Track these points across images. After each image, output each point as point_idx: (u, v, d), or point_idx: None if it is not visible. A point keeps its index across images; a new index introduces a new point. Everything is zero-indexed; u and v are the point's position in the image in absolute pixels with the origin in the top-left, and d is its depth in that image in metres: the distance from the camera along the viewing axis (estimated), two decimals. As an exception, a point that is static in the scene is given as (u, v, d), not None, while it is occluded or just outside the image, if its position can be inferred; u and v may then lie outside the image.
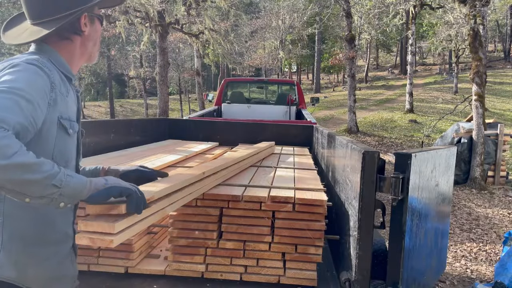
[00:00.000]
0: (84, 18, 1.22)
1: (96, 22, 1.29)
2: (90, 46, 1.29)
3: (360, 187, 1.51)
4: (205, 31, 12.32)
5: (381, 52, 47.09)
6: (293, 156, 3.31)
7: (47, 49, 1.18)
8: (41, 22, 1.16)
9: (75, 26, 1.20)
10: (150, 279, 1.81)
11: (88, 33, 1.26)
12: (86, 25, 1.23)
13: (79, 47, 1.25)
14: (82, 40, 1.25)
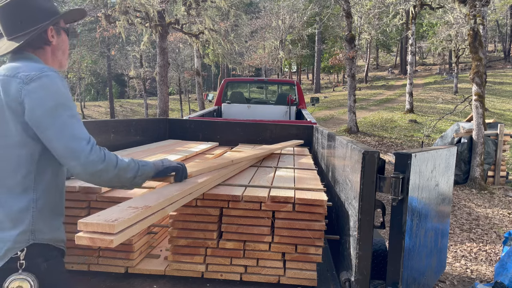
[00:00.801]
0: (50, 31, 1.42)
1: (63, 33, 1.49)
2: (60, 54, 1.48)
3: (360, 187, 1.51)
4: (205, 31, 12.31)
5: (381, 52, 47.11)
6: (293, 156, 3.31)
7: (32, 57, 1.38)
8: (15, 37, 1.38)
9: (44, 38, 1.41)
10: (150, 279, 1.81)
11: (56, 43, 1.45)
12: (53, 36, 1.43)
13: (51, 55, 1.44)
14: (52, 50, 1.44)
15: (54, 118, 1.23)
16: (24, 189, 1.26)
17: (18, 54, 1.37)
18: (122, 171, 1.33)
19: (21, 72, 1.26)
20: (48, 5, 1.43)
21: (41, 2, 1.41)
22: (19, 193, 1.26)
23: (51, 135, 1.23)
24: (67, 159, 1.24)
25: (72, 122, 1.25)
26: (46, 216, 1.32)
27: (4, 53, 1.35)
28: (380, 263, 1.68)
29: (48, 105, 1.23)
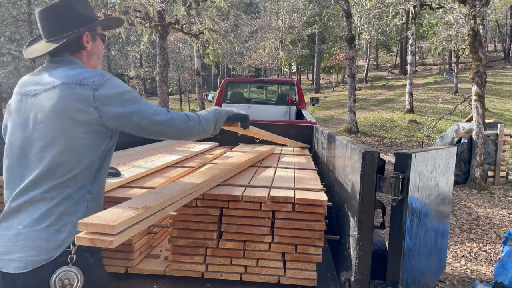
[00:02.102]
0: (86, 36, 1.49)
1: (98, 39, 1.56)
2: (94, 59, 1.55)
3: (360, 187, 1.51)
4: (205, 31, 12.31)
5: (381, 52, 47.12)
6: (293, 156, 3.31)
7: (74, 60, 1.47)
8: (53, 39, 1.46)
9: (79, 43, 1.48)
10: (150, 279, 1.81)
11: (91, 48, 1.52)
12: (88, 42, 1.50)
13: (86, 59, 1.52)
14: (87, 54, 1.52)
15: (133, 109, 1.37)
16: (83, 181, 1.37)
17: (58, 57, 1.46)
18: (206, 122, 1.59)
19: (86, 79, 1.35)
20: (86, 11, 1.51)
21: (80, 9, 1.49)
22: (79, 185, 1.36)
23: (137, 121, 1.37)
24: (161, 131, 1.43)
25: (145, 103, 1.41)
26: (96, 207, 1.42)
27: (42, 53, 1.43)
28: (380, 263, 1.68)
29: (123, 101, 1.37)
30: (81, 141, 1.33)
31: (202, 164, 2.80)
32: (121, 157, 2.75)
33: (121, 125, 1.37)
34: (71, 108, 1.31)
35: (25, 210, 1.31)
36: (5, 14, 19.57)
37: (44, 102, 1.34)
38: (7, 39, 19.91)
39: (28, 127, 1.36)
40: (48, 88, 1.36)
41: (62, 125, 1.31)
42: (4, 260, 1.28)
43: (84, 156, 1.35)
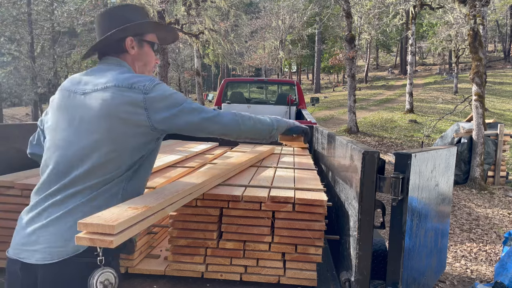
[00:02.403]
0: (131, 41, 1.52)
1: (146, 46, 1.58)
2: (140, 66, 1.57)
3: (360, 187, 1.51)
4: (205, 31, 12.31)
5: (381, 52, 47.13)
6: (293, 156, 3.31)
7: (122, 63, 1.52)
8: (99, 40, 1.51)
9: (121, 46, 1.52)
10: (150, 279, 1.81)
11: (136, 54, 1.55)
12: (133, 47, 1.53)
13: (131, 63, 1.55)
14: (132, 59, 1.55)
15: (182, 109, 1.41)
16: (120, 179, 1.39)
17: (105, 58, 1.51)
18: (259, 122, 1.61)
19: (136, 83, 1.38)
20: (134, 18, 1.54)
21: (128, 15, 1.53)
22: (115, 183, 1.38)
23: (186, 119, 1.41)
24: (208, 128, 1.46)
25: (192, 104, 1.45)
26: None
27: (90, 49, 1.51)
28: (380, 263, 1.68)
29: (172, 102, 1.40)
30: (128, 143, 1.37)
31: (202, 164, 2.80)
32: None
33: (170, 126, 1.41)
34: (120, 110, 1.34)
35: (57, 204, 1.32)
36: (5, 14, 19.57)
37: (94, 102, 1.36)
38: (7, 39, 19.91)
39: (74, 124, 1.38)
40: (98, 88, 1.38)
41: (111, 126, 1.34)
42: (28, 251, 1.28)
43: (128, 157, 1.39)
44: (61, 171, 1.35)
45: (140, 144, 1.40)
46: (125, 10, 1.55)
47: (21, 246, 1.31)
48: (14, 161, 2.29)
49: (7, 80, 20.14)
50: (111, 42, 1.49)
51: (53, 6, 23.68)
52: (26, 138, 2.43)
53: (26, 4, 20.10)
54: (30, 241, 1.30)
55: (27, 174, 2.08)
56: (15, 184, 1.89)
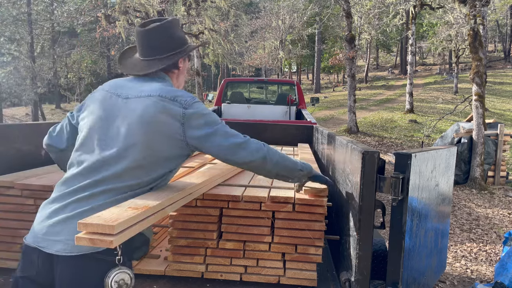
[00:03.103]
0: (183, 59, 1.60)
1: (187, 59, 1.66)
2: (182, 77, 1.65)
3: (360, 187, 1.51)
4: (205, 31, 12.31)
5: (381, 52, 47.11)
6: (293, 156, 3.31)
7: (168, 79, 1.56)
8: (152, 59, 1.54)
9: (175, 63, 1.58)
10: (150, 279, 1.81)
11: (183, 68, 1.62)
12: (181, 62, 1.60)
13: (176, 78, 1.62)
14: (178, 74, 1.62)
15: (215, 130, 1.45)
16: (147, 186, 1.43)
17: (152, 74, 1.54)
18: (282, 158, 1.56)
19: (179, 97, 1.43)
20: (181, 34, 1.61)
21: (177, 32, 1.59)
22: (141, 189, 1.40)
23: (217, 141, 1.44)
24: (236, 153, 1.46)
25: (226, 128, 1.49)
26: None
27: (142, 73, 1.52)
28: (380, 263, 1.68)
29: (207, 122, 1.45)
30: (161, 152, 1.41)
31: (202, 164, 2.80)
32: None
33: (201, 145, 1.44)
34: (160, 119, 1.39)
35: (84, 199, 1.33)
36: (5, 14, 19.56)
37: (136, 107, 1.40)
38: (7, 39, 19.91)
39: (113, 126, 1.41)
40: (142, 95, 1.43)
41: (148, 132, 1.38)
42: (48, 241, 1.29)
43: (159, 167, 1.42)
44: (94, 168, 1.37)
45: (172, 156, 1.44)
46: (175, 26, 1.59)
47: (42, 235, 1.30)
48: (14, 161, 2.29)
49: (7, 80, 20.13)
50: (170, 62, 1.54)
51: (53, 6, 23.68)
52: (26, 138, 2.43)
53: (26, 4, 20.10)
54: (52, 232, 1.29)
55: (27, 174, 2.08)
56: (15, 184, 1.89)
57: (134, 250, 1.39)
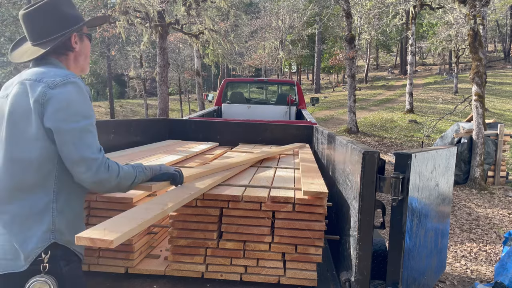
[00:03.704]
0: (74, 37, 1.46)
1: (85, 39, 1.53)
2: (82, 60, 1.52)
3: (360, 187, 1.51)
4: (205, 31, 12.31)
5: (381, 52, 47.10)
6: (293, 156, 3.31)
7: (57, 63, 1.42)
8: (40, 42, 1.42)
9: (68, 44, 1.45)
10: (150, 279, 1.81)
11: (79, 49, 1.49)
12: (76, 42, 1.48)
13: (73, 61, 1.48)
14: (75, 55, 1.49)
15: (73, 124, 1.28)
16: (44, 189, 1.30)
17: (42, 60, 1.41)
18: (123, 179, 1.40)
19: (46, 77, 1.30)
20: (72, 12, 1.47)
21: (66, 9, 1.45)
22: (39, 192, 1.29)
23: (67, 140, 1.27)
24: (78, 166, 1.29)
25: (89, 131, 1.31)
26: (66, 218, 1.35)
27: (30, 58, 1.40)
28: (380, 263, 1.68)
29: (69, 111, 1.28)
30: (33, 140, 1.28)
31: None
32: (121, 158, 2.75)
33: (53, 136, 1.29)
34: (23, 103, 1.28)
35: None
36: (5, 14, 19.56)
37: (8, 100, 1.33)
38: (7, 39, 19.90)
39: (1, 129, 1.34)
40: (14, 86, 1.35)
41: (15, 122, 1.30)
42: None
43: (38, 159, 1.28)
44: None
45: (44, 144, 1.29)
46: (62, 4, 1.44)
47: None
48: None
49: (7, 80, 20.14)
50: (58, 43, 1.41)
51: (53, 6, 23.62)
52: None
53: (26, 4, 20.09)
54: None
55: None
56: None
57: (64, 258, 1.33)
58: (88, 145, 1.30)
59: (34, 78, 1.32)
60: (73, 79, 1.33)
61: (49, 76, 1.31)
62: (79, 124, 1.29)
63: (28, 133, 1.28)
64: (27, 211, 1.28)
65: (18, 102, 1.30)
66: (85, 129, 1.30)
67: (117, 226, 1.17)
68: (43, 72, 1.34)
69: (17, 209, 1.28)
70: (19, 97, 1.30)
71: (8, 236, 1.27)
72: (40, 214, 1.29)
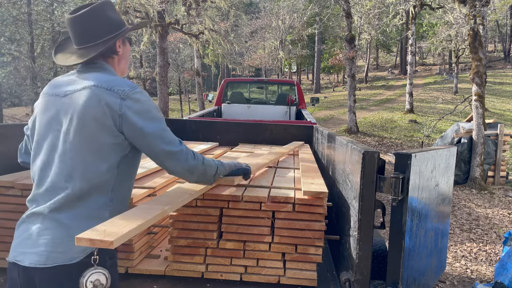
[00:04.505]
0: (118, 41, 1.52)
1: (127, 43, 1.59)
2: (123, 63, 1.58)
3: (360, 187, 1.51)
4: (205, 31, 12.31)
5: (381, 52, 47.10)
6: (293, 156, 3.31)
7: (107, 67, 1.48)
8: (86, 46, 1.46)
9: (113, 48, 1.50)
10: (150, 279, 1.81)
11: (122, 52, 1.55)
12: (120, 46, 1.53)
13: (117, 64, 1.55)
14: (119, 58, 1.55)
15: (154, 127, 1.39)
16: (106, 189, 1.38)
17: (91, 63, 1.46)
18: (208, 167, 1.58)
19: (115, 87, 1.37)
20: (117, 16, 1.53)
21: (112, 14, 1.51)
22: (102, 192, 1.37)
23: (152, 141, 1.39)
24: (169, 161, 1.44)
25: (165, 129, 1.43)
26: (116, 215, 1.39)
27: (78, 62, 1.44)
28: (380, 263, 1.68)
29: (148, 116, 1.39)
30: (102, 145, 1.35)
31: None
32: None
33: (134, 141, 1.39)
34: (97, 111, 1.33)
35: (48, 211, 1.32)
36: (5, 14, 19.55)
37: (74, 102, 1.36)
38: (7, 39, 19.90)
39: (57, 127, 1.38)
40: (78, 89, 1.38)
41: (87, 126, 1.33)
42: (25, 253, 1.29)
43: (105, 161, 1.36)
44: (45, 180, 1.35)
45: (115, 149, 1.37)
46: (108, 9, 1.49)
47: (19, 249, 1.31)
48: (14, 161, 2.28)
49: (7, 80, 20.13)
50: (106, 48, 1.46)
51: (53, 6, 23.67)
52: (26, 138, 2.44)
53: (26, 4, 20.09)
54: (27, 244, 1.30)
55: (27, 174, 2.08)
56: (15, 184, 1.89)
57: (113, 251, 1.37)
58: (171, 140, 1.43)
59: (103, 85, 1.37)
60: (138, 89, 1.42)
61: (117, 85, 1.38)
62: (158, 125, 1.41)
63: (101, 140, 1.34)
64: (88, 209, 1.33)
65: (90, 108, 1.33)
66: (163, 128, 1.42)
67: (117, 227, 1.17)
68: (108, 79, 1.40)
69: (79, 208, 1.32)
70: (90, 102, 1.34)
71: (62, 230, 1.29)
72: (99, 211, 1.35)
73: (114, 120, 1.34)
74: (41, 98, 1.48)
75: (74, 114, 1.34)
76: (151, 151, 1.42)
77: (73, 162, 1.33)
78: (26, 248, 1.29)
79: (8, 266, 1.34)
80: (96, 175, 1.34)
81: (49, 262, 1.26)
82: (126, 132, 1.36)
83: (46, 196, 1.34)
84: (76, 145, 1.33)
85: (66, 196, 1.32)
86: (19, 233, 1.35)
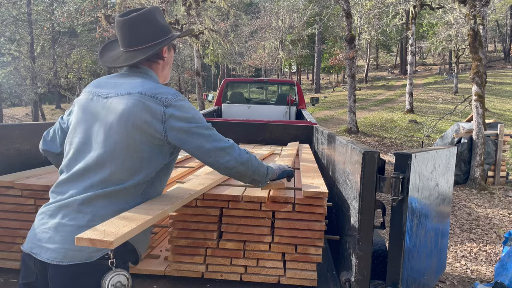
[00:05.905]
0: (165, 47, 1.52)
1: (171, 50, 1.60)
2: (167, 69, 1.59)
3: (360, 187, 1.51)
4: (205, 31, 12.31)
5: (381, 52, 47.11)
6: (293, 156, 3.31)
7: (151, 73, 1.49)
8: (134, 49, 1.48)
9: (160, 53, 1.51)
10: (150, 279, 1.81)
11: (168, 58, 1.56)
12: (166, 52, 1.54)
13: (161, 69, 1.55)
14: (163, 64, 1.55)
15: (200, 129, 1.40)
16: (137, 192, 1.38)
17: (135, 67, 1.48)
18: (260, 164, 1.57)
19: (159, 94, 1.38)
20: (165, 22, 1.54)
21: (161, 19, 1.52)
22: (131, 194, 1.37)
23: (201, 143, 1.40)
24: (221, 157, 1.43)
25: (212, 128, 1.44)
26: None
27: (125, 64, 1.46)
28: (380, 263, 1.68)
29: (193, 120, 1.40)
30: (143, 152, 1.35)
31: (202, 164, 2.80)
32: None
33: (182, 145, 1.40)
34: (140, 118, 1.33)
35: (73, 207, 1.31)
36: (5, 14, 19.55)
37: (116, 106, 1.36)
38: (7, 39, 19.91)
39: (94, 128, 1.37)
40: (122, 93, 1.38)
41: (128, 132, 1.33)
42: (41, 247, 1.28)
43: (142, 167, 1.36)
44: (80, 174, 1.34)
45: (154, 156, 1.38)
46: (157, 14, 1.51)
47: (36, 241, 1.30)
48: (14, 161, 2.29)
49: (7, 80, 20.13)
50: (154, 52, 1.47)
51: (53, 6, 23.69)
52: (26, 138, 2.43)
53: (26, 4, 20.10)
54: (44, 238, 1.29)
55: (27, 174, 2.08)
56: (15, 184, 1.89)
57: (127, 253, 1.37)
58: (219, 138, 1.44)
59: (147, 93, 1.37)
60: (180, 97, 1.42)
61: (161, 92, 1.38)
62: (203, 125, 1.42)
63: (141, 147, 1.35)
64: (111, 211, 1.31)
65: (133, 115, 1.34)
66: (209, 127, 1.43)
67: (117, 227, 1.17)
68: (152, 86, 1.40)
69: (104, 208, 1.31)
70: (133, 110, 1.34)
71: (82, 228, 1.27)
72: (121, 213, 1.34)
73: (157, 127, 1.35)
74: (83, 95, 1.48)
75: (114, 120, 1.34)
76: (202, 152, 1.41)
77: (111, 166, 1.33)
78: (43, 242, 1.28)
79: (23, 253, 1.33)
80: (132, 181, 1.35)
81: (66, 260, 1.25)
82: (171, 138, 1.37)
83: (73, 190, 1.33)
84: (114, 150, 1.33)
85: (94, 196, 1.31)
86: (38, 224, 1.33)
